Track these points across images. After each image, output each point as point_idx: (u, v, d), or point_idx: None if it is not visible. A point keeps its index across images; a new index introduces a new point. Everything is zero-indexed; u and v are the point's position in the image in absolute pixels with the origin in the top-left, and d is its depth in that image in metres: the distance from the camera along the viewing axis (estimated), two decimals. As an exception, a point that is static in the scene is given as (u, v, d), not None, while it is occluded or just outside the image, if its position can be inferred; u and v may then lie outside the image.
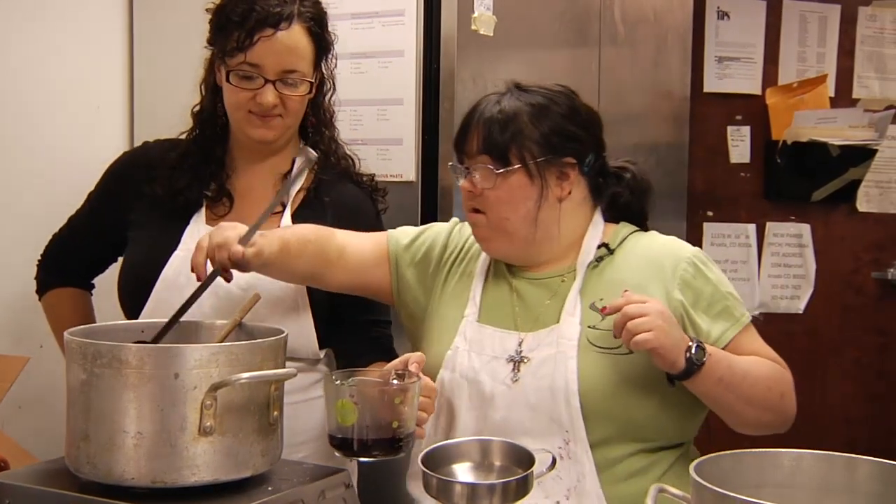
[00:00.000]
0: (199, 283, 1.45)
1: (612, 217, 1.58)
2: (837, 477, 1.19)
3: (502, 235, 1.50)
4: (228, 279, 1.46)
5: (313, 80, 1.65)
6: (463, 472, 1.28)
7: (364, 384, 1.32)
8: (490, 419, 1.45)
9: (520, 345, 1.48)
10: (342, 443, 1.30)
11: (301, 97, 1.64)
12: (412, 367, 1.39)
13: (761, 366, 1.46)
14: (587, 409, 1.41)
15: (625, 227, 1.57)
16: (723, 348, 1.45)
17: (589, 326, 1.45)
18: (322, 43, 1.65)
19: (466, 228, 1.63)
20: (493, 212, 1.49)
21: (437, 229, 1.66)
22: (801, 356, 3.15)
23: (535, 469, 1.24)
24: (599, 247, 1.52)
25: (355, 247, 1.61)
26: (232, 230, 1.45)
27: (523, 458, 1.27)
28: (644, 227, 1.60)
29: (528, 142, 1.47)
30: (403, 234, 1.65)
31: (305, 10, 1.61)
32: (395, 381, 1.34)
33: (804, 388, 3.36)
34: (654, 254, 1.51)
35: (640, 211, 1.61)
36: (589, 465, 1.40)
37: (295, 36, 1.60)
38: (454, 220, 1.69)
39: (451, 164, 1.55)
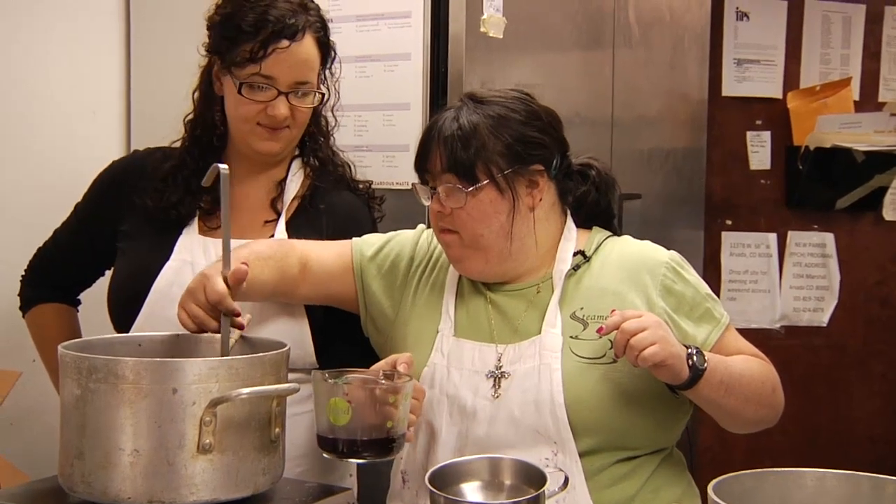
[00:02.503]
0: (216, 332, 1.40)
1: (581, 218, 1.58)
2: (863, 498, 1.17)
3: (477, 252, 1.49)
4: (242, 325, 1.40)
5: (323, 92, 1.65)
6: (472, 492, 1.25)
7: (358, 382, 1.29)
8: (472, 434, 1.44)
9: (499, 359, 1.47)
10: (333, 444, 1.28)
11: (310, 108, 1.63)
12: (401, 368, 1.37)
13: (751, 363, 1.47)
14: (574, 420, 1.40)
15: (598, 233, 1.57)
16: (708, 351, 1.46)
17: (571, 337, 1.44)
18: (328, 52, 1.65)
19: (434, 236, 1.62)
20: (466, 230, 1.47)
21: (402, 238, 1.65)
22: (824, 371, 3.11)
23: (547, 488, 1.21)
24: (575, 254, 1.52)
25: (318, 258, 1.59)
26: (209, 280, 1.39)
27: (534, 477, 1.24)
28: (612, 227, 1.60)
29: (492, 155, 1.45)
30: (368, 244, 1.63)
31: (314, 20, 1.61)
32: (382, 381, 1.32)
33: (827, 405, 3.33)
34: (631, 259, 1.51)
35: (608, 208, 1.60)
36: (578, 475, 1.40)
37: (307, 47, 1.59)
38: (420, 226, 1.68)
39: (413, 183, 1.53)
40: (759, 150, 3.10)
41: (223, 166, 1.35)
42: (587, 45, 2.34)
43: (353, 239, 1.63)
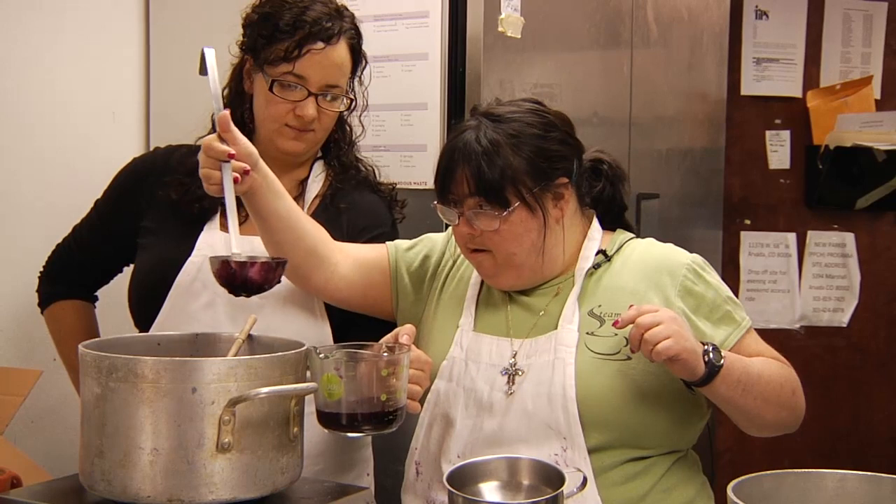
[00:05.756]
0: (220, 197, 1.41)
1: (598, 214, 1.58)
2: (884, 499, 1.16)
3: (510, 269, 1.49)
4: (245, 169, 1.41)
5: (352, 97, 1.67)
6: (490, 492, 1.25)
7: (349, 357, 1.29)
8: (486, 427, 1.44)
9: (514, 356, 1.47)
10: (330, 418, 1.28)
11: (336, 113, 1.65)
12: (403, 339, 1.37)
13: (770, 364, 1.47)
14: (585, 415, 1.40)
15: (621, 234, 1.57)
16: None
17: (587, 333, 1.45)
18: (359, 60, 1.68)
19: None
20: (499, 251, 1.47)
21: (432, 239, 1.67)
22: (845, 371, 3.08)
23: (566, 488, 1.20)
24: (597, 253, 1.52)
25: (354, 246, 1.61)
26: (204, 142, 1.42)
27: (552, 477, 1.24)
28: (626, 220, 1.61)
29: (520, 175, 1.43)
30: (401, 242, 1.66)
31: (349, 27, 1.64)
32: (381, 354, 1.32)
33: (848, 406, 3.31)
34: (652, 260, 1.51)
35: (621, 201, 1.60)
36: (587, 471, 1.39)
37: (340, 51, 1.62)
38: (451, 228, 1.66)
39: (437, 205, 1.51)
40: (779, 150, 3.09)
41: (207, 49, 1.40)
42: (605, 45, 2.34)
43: (387, 242, 1.65)
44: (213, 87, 1.40)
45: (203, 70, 1.43)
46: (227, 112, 1.40)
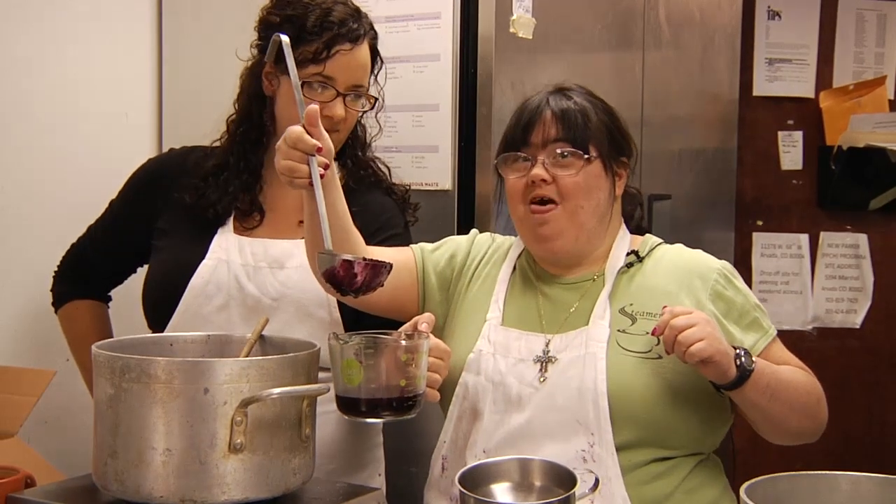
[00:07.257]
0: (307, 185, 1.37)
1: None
2: (899, 502, 1.16)
3: (572, 228, 1.50)
4: (326, 164, 1.38)
5: (375, 97, 1.68)
6: (502, 493, 1.25)
7: (369, 342, 1.29)
8: (514, 422, 1.45)
9: (547, 345, 1.48)
10: (349, 404, 1.28)
11: (358, 112, 1.67)
12: (422, 328, 1.37)
13: (797, 373, 1.48)
14: (615, 411, 1.41)
15: (652, 238, 1.60)
16: None
17: (618, 330, 1.45)
18: (376, 60, 1.69)
19: (490, 238, 1.65)
20: (570, 199, 1.49)
21: (456, 240, 1.68)
22: (857, 373, 3.06)
23: (578, 490, 1.20)
24: (628, 254, 1.54)
25: (380, 250, 1.60)
26: (287, 130, 1.38)
27: (564, 479, 1.24)
28: (644, 231, 1.64)
29: (600, 134, 1.50)
30: (425, 244, 1.67)
31: (369, 28, 1.66)
32: (400, 341, 1.32)
33: (861, 408, 3.29)
34: (683, 264, 1.53)
35: (640, 218, 1.65)
36: (614, 468, 1.40)
37: (365, 52, 1.64)
38: (474, 231, 1.70)
39: (501, 158, 1.53)
40: (791, 151, 3.08)
41: (284, 37, 1.39)
42: (617, 46, 2.33)
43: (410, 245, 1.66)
44: (293, 79, 1.39)
45: (272, 56, 1.45)
46: (317, 106, 1.39)
